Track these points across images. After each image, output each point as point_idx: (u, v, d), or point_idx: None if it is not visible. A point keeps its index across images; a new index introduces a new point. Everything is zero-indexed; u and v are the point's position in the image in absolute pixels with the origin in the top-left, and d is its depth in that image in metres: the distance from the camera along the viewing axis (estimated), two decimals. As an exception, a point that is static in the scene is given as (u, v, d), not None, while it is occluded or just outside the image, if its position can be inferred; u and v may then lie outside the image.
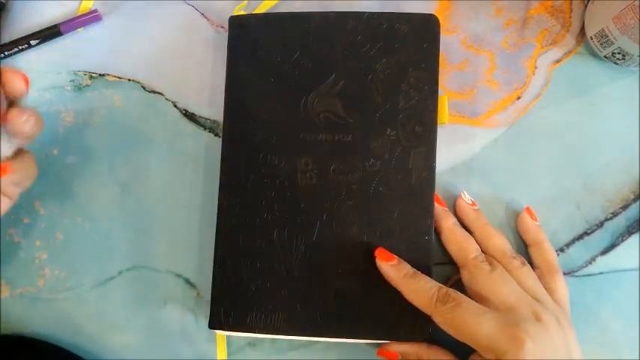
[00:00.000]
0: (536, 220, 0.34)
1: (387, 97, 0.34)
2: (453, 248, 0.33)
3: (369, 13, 0.35)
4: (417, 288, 0.30)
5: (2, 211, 0.31)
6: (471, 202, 0.34)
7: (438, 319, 0.29)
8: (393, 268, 0.31)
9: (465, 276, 0.32)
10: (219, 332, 0.35)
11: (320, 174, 0.34)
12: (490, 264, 0.31)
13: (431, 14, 0.34)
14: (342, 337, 0.33)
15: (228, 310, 0.33)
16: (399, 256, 0.32)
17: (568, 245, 0.35)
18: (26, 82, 0.30)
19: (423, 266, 0.32)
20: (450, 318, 0.29)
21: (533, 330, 0.27)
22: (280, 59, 0.35)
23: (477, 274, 0.31)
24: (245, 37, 0.36)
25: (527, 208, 0.34)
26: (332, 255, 0.33)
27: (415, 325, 0.32)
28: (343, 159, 0.34)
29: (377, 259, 0.32)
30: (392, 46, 0.34)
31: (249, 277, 0.33)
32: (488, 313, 0.28)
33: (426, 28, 0.34)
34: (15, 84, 0.29)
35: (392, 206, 0.33)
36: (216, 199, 0.34)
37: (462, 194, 0.35)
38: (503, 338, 0.27)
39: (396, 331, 0.32)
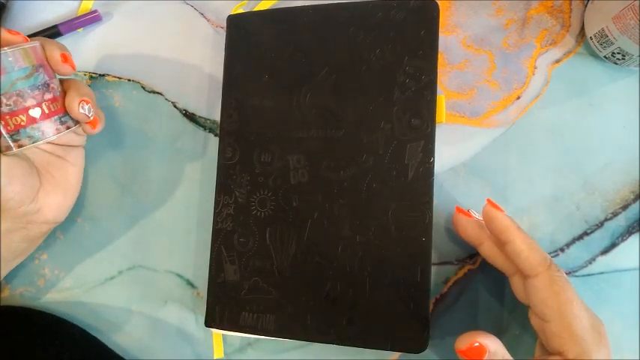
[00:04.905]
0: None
1: (381, 89, 0.32)
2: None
3: (363, 2, 0.34)
4: (533, 242, 0.29)
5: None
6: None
7: (543, 281, 0.28)
8: (507, 216, 0.30)
9: (544, 281, 0.29)
10: (215, 331, 0.35)
11: (311, 171, 0.33)
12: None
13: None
14: (333, 342, 0.32)
15: (223, 309, 0.33)
16: (394, 258, 0.31)
17: (568, 245, 0.35)
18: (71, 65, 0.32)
19: (421, 269, 0.31)
20: (560, 286, 0.28)
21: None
22: (274, 56, 0.35)
23: (558, 277, 0.29)
24: (242, 35, 0.36)
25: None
26: (323, 255, 0.32)
27: (412, 335, 0.31)
28: (335, 155, 0.33)
29: (487, 206, 0.30)
30: (387, 34, 0.33)
31: (242, 276, 0.33)
32: (587, 310, 0.28)
33: (423, 14, 0.32)
34: (62, 69, 0.32)
35: (386, 204, 0.32)
36: (215, 199, 0.34)
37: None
38: (592, 339, 0.27)
39: (390, 341, 0.31)
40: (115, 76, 0.40)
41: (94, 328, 0.37)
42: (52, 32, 0.39)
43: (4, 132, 0.30)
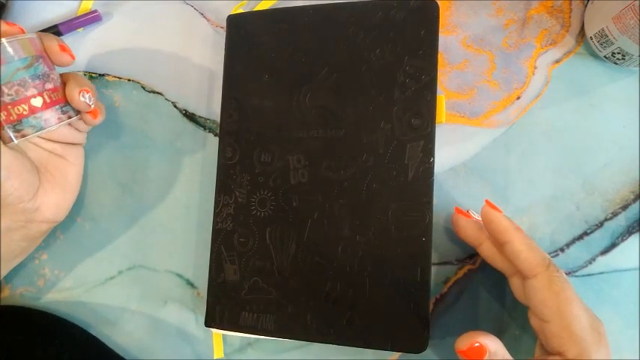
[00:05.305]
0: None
1: (381, 88, 0.32)
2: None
3: (363, 2, 0.34)
4: (531, 242, 0.29)
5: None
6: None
7: (542, 281, 0.28)
8: (505, 217, 0.29)
9: (543, 281, 0.29)
10: (215, 331, 0.35)
11: (311, 171, 0.33)
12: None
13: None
14: (333, 342, 0.32)
15: (223, 309, 0.33)
16: (394, 258, 0.31)
17: (568, 245, 0.35)
18: (70, 54, 0.33)
19: (421, 269, 0.31)
20: (559, 286, 0.28)
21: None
22: (274, 55, 0.35)
23: (557, 277, 0.29)
24: (242, 35, 0.36)
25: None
26: (323, 255, 0.32)
27: (412, 335, 0.30)
28: (335, 155, 0.33)
29: (485, 207, 0.30)
30: (387, 34, 0.33)
31: (242, 276, 0.33)
32: (587, 310, 0.28)
33: (423, 14, 0.32)
34: (61, 58, 0.32)
35: (386, 204, 0.32)
36: (215, 199, 0.34)
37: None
38: (592, 338, 0.27)
39: (390, 341, 0.31)
40: (115, 76, 0.40)
41: (94, 328, 0.37)
42: (52, 32, 0.39)
43: (5, 123, 0.30)
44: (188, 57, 0.39)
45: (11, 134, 0.30)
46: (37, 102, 0.30)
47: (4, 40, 0.29)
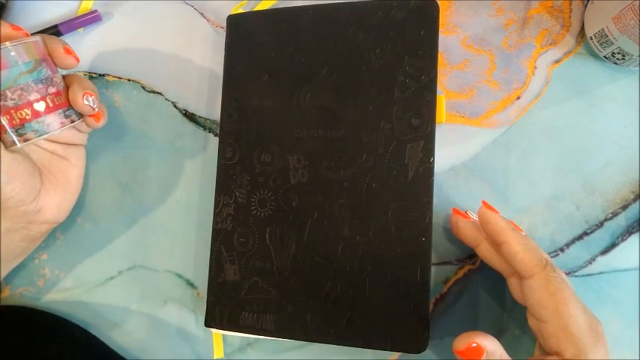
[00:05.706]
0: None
1: (381, 88, 0.32)
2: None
3: (364, 2, 0.34)
4: (528, 243, 0.29)
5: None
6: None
7: (539, 281, 0.28)
8: (502, 218, 0.30)
9: (540, 281, 0.29)
10: (215, 331, 0.35)
11: (311, 171, 0.33)
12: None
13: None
14: (333, 343, 0.32)
15: (223, 309, 0.33)
16: (394, 258, 0.31)
17: (568, 245, 0.35)
18: (75, 57, 0.33)
19: (421, 269, 0.31)
20: (556, 286, 0.28)
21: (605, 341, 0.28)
22: (274, 55, 0.35)
23: (554, 278, 0.29)
24: (242, 35, 0.36)
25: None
26: (323, 255, 0.32)
27: (412, 335, 0.31)
28: (335, 155, 0.33)
29: (482, 208, 0.30)
30: (387, 34, 0.33)
31: (242, 276, 0.33)
32: (584, 310, 0.28)
33: (423, 14, 0.32)
34: (66, 61, 0.32)
35: (386, 204, 0.32)
36: (215, 199, 0.34)
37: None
38: (589, 338, 0.27)
39: (390, 341, 0.31)
40: (114, 76, 0.40)
41: (94, 327, 0.37)
42: (52, 32, 0.39)
43: (8, 127, 0.30)
44: (188, 57, 0.39)
45: (14, 138, 0.30)
46: (40, 106, 0.30)
47: (8, 43, 0.29)
